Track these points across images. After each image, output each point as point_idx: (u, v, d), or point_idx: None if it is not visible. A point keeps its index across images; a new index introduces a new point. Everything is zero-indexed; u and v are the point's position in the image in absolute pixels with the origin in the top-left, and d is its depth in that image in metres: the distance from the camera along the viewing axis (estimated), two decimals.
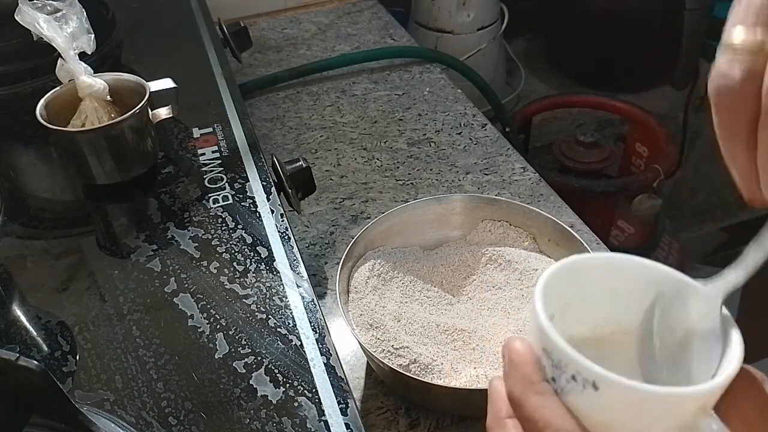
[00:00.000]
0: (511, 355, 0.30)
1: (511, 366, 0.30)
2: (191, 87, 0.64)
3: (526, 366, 0.29)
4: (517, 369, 0.29)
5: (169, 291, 0.47)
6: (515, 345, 0.30)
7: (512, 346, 0.30)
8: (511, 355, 0.30)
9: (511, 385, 0.29)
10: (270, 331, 0.44)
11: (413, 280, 0.58)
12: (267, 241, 0.50)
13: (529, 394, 0.28)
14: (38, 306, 0.47)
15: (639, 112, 1.29)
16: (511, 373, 0.29)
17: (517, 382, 0.29)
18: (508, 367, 0.30)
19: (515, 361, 0.29)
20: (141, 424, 0.38)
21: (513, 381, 0.29)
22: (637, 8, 1.30)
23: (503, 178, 0.77)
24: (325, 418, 0.38)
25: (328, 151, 0.82)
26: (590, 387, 0.27)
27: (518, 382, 0.29)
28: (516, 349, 0.30)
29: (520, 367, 0.29)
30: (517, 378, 0.29)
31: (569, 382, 0.27)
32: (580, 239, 0.56)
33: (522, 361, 0.29)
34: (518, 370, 0.29)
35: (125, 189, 0.56)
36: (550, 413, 0.27)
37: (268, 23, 1.10)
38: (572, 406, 0.28)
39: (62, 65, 0.54)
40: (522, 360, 0.29)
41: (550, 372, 0.28)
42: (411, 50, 1.01)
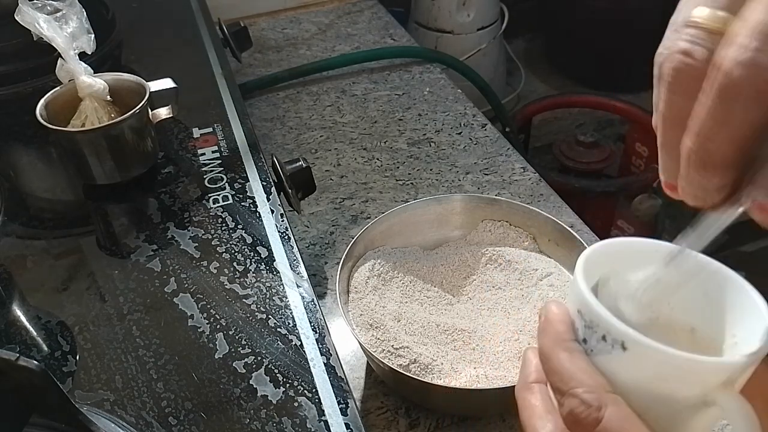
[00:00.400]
0: (547, 314, 0.31)
1: (545, 323, 0.31)
2: (191, 87, 0.64)
3: (560, 324, 0.30)
4: (551, 326, 0.30)
5: (169, 291, 0.47)
6: (551, 306, 0.31)
7: (549, 307, 0.31)
8: (547, 314, 0.31)
9: (542, 341, 0.30)
10: (270, 331, 0.44)
11: (413, 280, 0.58)
12: (267, 241, 0.50)
13: (558, 350, 0.29)
14: (38, 306, 0.47)
15: (639, 112, 1.29)
16: (545, 329, 0.31)
17: (548, 338, 0.30)
18: (543, 324, 0.31)
19: (550, 319, 0.31)
20: (141, 424, 0.38)
21: (545, 337, 0.30)
22: (637, 8, 1.31)
23: (503, 178, 0.77)
24: (325, 418, 0.38)
25: (328, 151, 0.82)
26: (619, 347, 0.27)
27: (550, 337, 0.30)
28: (552, 309, 0.31)
29: (553, 325, 0.30)
30: (549, 334, 0.30)
31: (599, 342, 0.28)
32: (580, 239, 0.56)
33: (556, 320, 0.30)
34: (551, 326, 0.30)
35: (125, 189, 0.56)
36: (576, 368, 0.28)
37: (268, 23, 1.10)
38: (600, 367, 0.29)
39: (62, 65, 0.54)
40: (556, 319, 0.30)
41: (582, 333, 0.29)
42: (411, 50, 1.01)
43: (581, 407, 0.27)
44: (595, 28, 1.36)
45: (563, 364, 0.29)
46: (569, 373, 0.28)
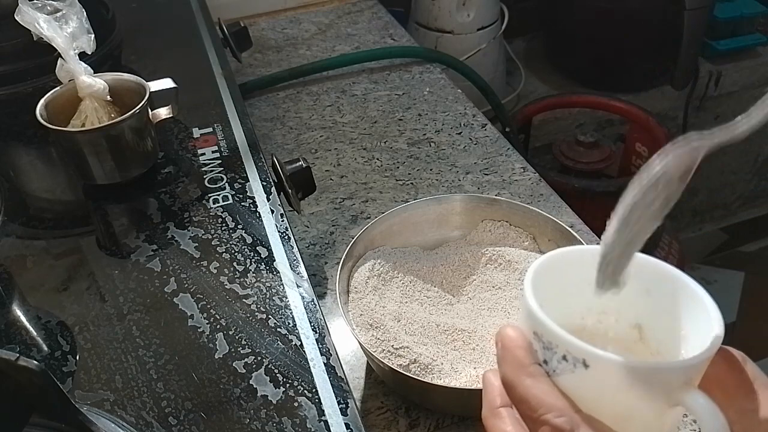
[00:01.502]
0: (504, 341, 0.31)
1: (503, 351, 0.30)
2: (191, 87, 0.64)
3: (518, 350, 0.30)
4: (509, 353, 0.30)
5: (169, 291, 0.47)
6: (507, 331, 0.31)
7: (504, 332, 0.31)
8: (504, 341, 0.31)
9: (504, 370, 0.30)
10: (270, 331, 0.44)
11: (413, 280, 0.58)
12: (267, 241, 0.50)
13: (521, 377, 0.29)
14: (38, 306, 0.47)
15: (639, 112, 1.29)
16: (504, 357, 0.30)
17: (509, 366, 0.30)
18: (501, 352, 0.31)
19: (507, 346, 0.30)
20: (141, 424, 0.38)
21: (506, 365, 0.30)
22: (637, 8, 1.31)
23: (503, 178, 0.77)
24: (325, 418, 0.38)
25: (328, 151, 0.82)
26: (581, 365, 0.28)
27: (511, 365, 0.30)
28: (508, 335, 0.31)
29: (512, 351, 0.30)
30: (509, 362, 0.30)
31: (560, 362, 0.28)
32: (580, 239, 0.56)
33: (513, 346, 0.30)
34: (510, 353, 0.30)
35: (125, 189, 0.56)
36: (542, 393, 0.28)
37: (268, 23, 1.10)
38: (564, 386, 0.29)
39: (62, 65, 0.54)
40: (514, 345, 0.30)
41: (542, 355, 0.29)
42: (411, 50, 1.01)
43: None
44: (595, 28, 1.36)
45: (529, 390, 0.28)
46: (537, 400, 0.28)
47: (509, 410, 0.31)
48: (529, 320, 0.30)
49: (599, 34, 1.37)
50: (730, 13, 1.39)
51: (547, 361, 0.29)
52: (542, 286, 0.31)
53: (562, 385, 0.29)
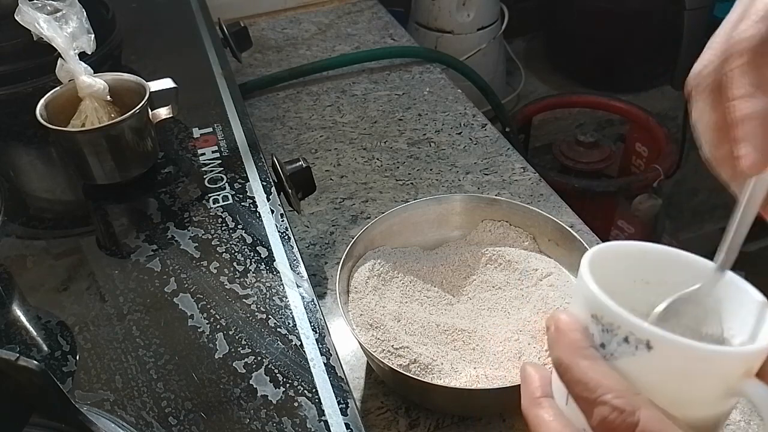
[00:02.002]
0: (558, 323, 0.30)
1: (558, 334, 0.30)
2: (191, 87, 0.64)
3: (574, 333, 0.29)
4: (565, 336, 0.29)
5: (169, 291, 0.47)
6: (560, 315, 0.30)
7: (557, 316, 0.30)
8: (558, 323, 0.30)
9: (558, 353, 0.29)
10: (270, 331, 0.44)
11: (413, 280, 0.58)
12: (267, 241, 0.50)
13: (577, 359, 0.28)
14: (38, 306, 0.47)
15: (639, 112, 1.29)
16: (559, 340, 0.30)
17: (564, 349, 0.29)
18: (555, 335, 0.30)
19: (562, 329, 0.30)
20: (141, 424, 0.38)
21: (560, 348, 0.29)
22: (637, 8, 1.31)
23: (503, 178, 0.77)
24: (325, 418, 0.38)
25: (328, 151, 0.82)
26: (643, 347, 0.27)
27: (566, 348, 0.29)
28: (562, 318, 0.30)
29: (567, 335, 0.29)
30: (565, 344, 0.29)
31: (620, 345, 0.28)
32: (580, 239, 0.56)
33: (569, 329, 0.30)
34: (566, 336, 0.29)
35: (125, 189, 0.56)
36: (600, 375, 0.28)
37: (268, 23, 1.10)
38: (622, 370, 0.28)
39: (62, 65, 0.54)
40: (569, 328, 0.30)
41: (599, 338, 0.29)
42: (411, 50, 1.01)
43: (614, 414, 0.26)
44: (595, 28, 1.36)
45: (586, 372, 0.28)
46: (595, 381, 0.27)
47: (550, 400, 0.31)
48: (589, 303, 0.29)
49: (599, 34, 1.37)
50: None
51: (605, 344, 0.29)
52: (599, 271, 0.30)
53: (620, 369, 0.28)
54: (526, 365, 0.33)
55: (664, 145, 1.23)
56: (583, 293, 0.30)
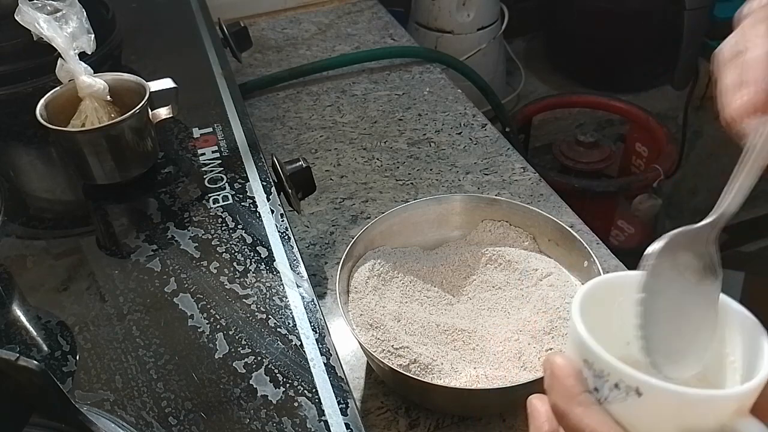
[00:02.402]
0: (553, 369, 0.31)
1: (553, 380, 0.30)
2: (191, 87, 0.64)
3: (568, 379, 0.30)
4: (559, 382, 0.30)
5: (169, 291, 0.47)
6: (556, 360, 0.31)
7: (553, 360, 0.31)
8: (553, 369, 0.31)
9: (554, 399, 0.30)
10: (270, 331, 0.44)
11: (413, 280, 0.58)
12: (267, 241, 0.50)
13: (572, 406, 0.29)
14: (38, 306, 0.47)
15: (639, 112, 1.29)
16: (554, 386, 0.30)
17: (560, 395, 0.30)
18: (550, 380, 0.31)
19: (557, 374, 0.30)
20: (141, 424, 0.38)
21: (556, 394, 0.30)
22: (637, 8, 1.31)
23: (503, 178, 0.77)
24: (325, 418, 0.38)
25: (328, 151, 0.82)
26: (633, 394, 0.28)
27: (561, 394, 0.30)
28: (557, 363, 0.31)
29: (562, 380, 0.30)
30: (560, 391, 0.30)
31: (612, 391, 0.28)
32: (580, 239, 0.56)
33: (563, 375, 0.30)
34: (560, 383, 0.30)
35: (125, 189, 0.56)
36: (594, 422, 0.28)
37: (268, 23, 1.10)
38: (615, 415, 0.29)
39: (62, 65, 0.54)
40: (563, 374, 0.30)
41: (592, 383, 0.29)
42: (411, 50, 1.01)
43: None
44: (595, 28, 1.36)
45: (581, 419, 0.29)
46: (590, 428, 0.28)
47: None
48: (579, 348, 0.30)
49: (599, 34, 1.37)
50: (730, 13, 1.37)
51: (598, 388, 0.29)
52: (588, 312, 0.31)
53: (614, 413, 0.29)
54: (533, 398, 0.33)
55: (664, 145, 1.23)
56: (575, 337, 0.30)
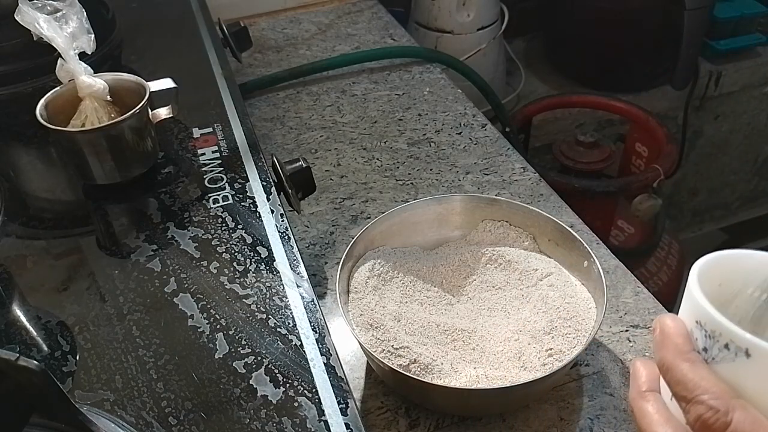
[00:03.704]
0: (663, 327, 0.33)
1: (662, 337, 0.33)
2: (191, 87, 0.64)
3: (678, 337, 0.32)
4: (669, 339, 0.32)
5: (169, 291, 0.47)
6: (666, 320, 0.33)
7: (663, 320, 0.33)
8: (663, 327, 0.33)
9: (662, 354, 0.32)
10: (270, 331, 0.44)
11: (413, 280, 0.58)
12: (267, 241, 0.50)
13: (679, 361, 0.31)
14: (38, 306, 0.47)
15: (639, 112, 1.29)
16: (663, 342, 0.32)
17: (668, 351, 0.32)
18: (660, 338, 0.33)
19: (667, 332, 0.33)
20: (141, 424, 0.38)
21: (664, 349, 0.32)
22: (637, 8, 1.30)
23: (503, 178, 0.77)
24: (325, 418, 0.38)
25: (328, 151, 0.82)
26: (742, 354, 0.29)
27: (670, 350, 0.32)
28: (667, 323, 0.33)
29: (671, 338, 0.32)
30: (668, 347, 0.32)
31: (721, 351, 0.30)
32: (580, 239, 0.56)
33: (674, 333, 0.32)
34: (670, 339, 0.32)
35: (125, 189, 0.56)
36: (699, 377, 0.30)
37: (268, 23, 1.10)
38: (722, 374, 0.31)
39: (62, 65, 0.54)
40: (674, 332, 0.32)
41: (702, 343, 0.31)
42: (411, 50, 1.01)
43: (709, 413, 0.29)
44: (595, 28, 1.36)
45: (686, 373, 0.31)
46: (693, 382, 0.30)
47: (655, 394, 0.34)
48: (694, 309, 0.32)
49: (599, 34, 1.37)
50: (730, 13, 1.38)
51: (707, 349, 0.31)
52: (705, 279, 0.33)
53: (720, 373, 0.30)
54: (636, 360, 0.36)
55: (664, 145, 1.23)
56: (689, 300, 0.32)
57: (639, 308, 0.61)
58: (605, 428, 0.52)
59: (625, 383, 0.55)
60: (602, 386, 0.55)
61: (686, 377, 0.31)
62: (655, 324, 0.34)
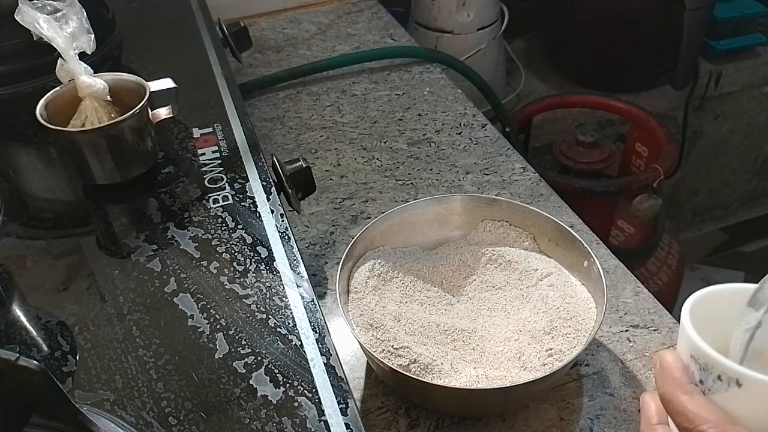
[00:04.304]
0: (662, 363, 0.36)
1: (662, 371, 0.36)
2: (191, 87, 0.64)
3: (676, 371, 0.35)
4: (668, 374, 0.35)
5: (169, 291, 0.47)
6: (665, 355, 0.36)
7: (662, 356, 0.36)
8: (662, 363, 0.36)
9: (663, 388, 0.35)
10: (270, 331, 0.44)
11: (413, 280, 0.58)
12: (267, 241, 0.50)
13: (678, 393, 0.34)
14: (38, 306, 0.47)
15: (639, 112, 1.29)
16: (663, 377, 0.35)
17: (668, 384, 0.35)
18: (660, 372, 0.36)
19: (666, 367, 0.35)
20: (141, 424, 0.38)
21: (664, 383, 0.35)
22: (637, 8, 1.30)
23: (503, 178, 0.77)
24: (325, 418, 0.38)
25: (328, 151, 0.82)
26: (734, 384, 0.32)
27: (669, 384, 0.35)
28: (666, 359, 0.36)
29: (670, 372, 0.35)
30: (668, 380, 0.35)
31: (715, 382, 0.33)
32: (580, 239, 0.56)
33: (672, 368, 0.35)
34: (669, 373, 0.35)
35: (125, 189, 0.56)
36: (697, 408, 0.33)
37: (268, 23, 1.10)
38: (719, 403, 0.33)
39: (62, 65, 0.54)
40: (672, 367, 0.35)
41: (698, 375, 0.34)
42: (411, 50, 1.01)
43: None
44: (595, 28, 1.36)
45: (686, 405, 0.33)
46: (693, 413, 0.33)
47: (665, 427, 0.36)
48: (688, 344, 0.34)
49: (599, 34, 1.37)
50: (730, 13, 1.39)
51: (703, 381, 0.34)
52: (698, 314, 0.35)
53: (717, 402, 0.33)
54: (645, 395, 0.39)
55: (664, 145, 1.23)
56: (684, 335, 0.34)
57: (639, 308, 0.61)
58: (605, 428, 0.52)
59: (626, 383, 0.55)
60: (602, 386, 0.55)
61: (686, 408, 0.33)
62: (655, 359, 0.36)
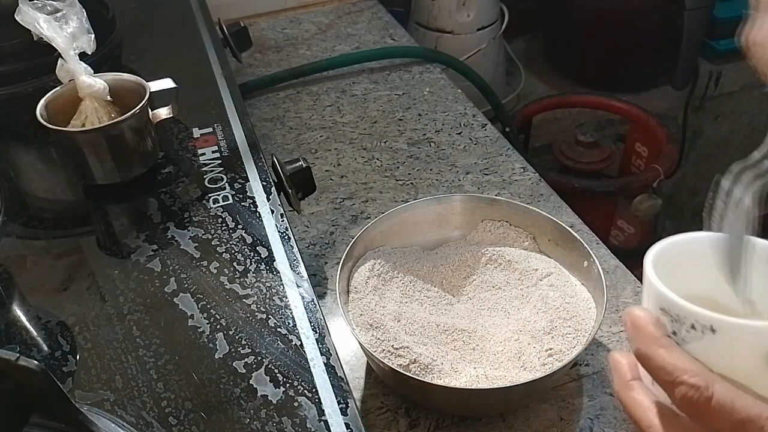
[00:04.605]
0: (633, 320, 0.34)
1: (634, 329, 0.34)
2: (191, 87, 0.64)
3: (648, 326, 0.34)
4: (641, 330, 0.34)
5: (169, 291, 0.47)
6: (634, 312, 0.35)
7: (632, 312, 0.35)
8: (633, 320, 0.34)
9: (637, 345, 0.34)
10: (270, 331, 0.44)
11: (413, 280, 0.58)
12: (267, 241, 0.50)
13: (655, 348, 0.33)
14: (38, 306, 0.47)
15: (639, 112, 1.29)
16: (636, 334, 0.34)
17: (642, 341, 0.33)
18: (633, 330, 0.34)
19: (638, 323, 0.34)
20: (141, 424, 0.38)
21: (639, 340, 0.34)
22: (637, 8, 1.30)
23: (503, 178, 0.77)
24: (325, 418, 0.38)
25: (328, 151, 0.82)
26: (709, 331, 0.31)
27: (644, 340, 0.33)
28: (636, 314, 0.34)
29: (643, 328, 0.34)
30: (642, 337, 0.34)
31: (689, 332, 0.32)
32: (580, 239, 0.56)
33: (644, 323, 0.34)
34: (642, 330, 0.34)
35: (125, 189, 0.56)
36: (675, 360, 0.32)
37: (268, 23, 1.10)
38: (694, 352, 0.32)
39: (62, 65, 0.54)
40: (644, 322, 0.34)
41: (670, 327, 0.33)
42: (411, 50, 1.01)
43: (691, 391, 0.30)
44: (595, 28, 1.36)
45: (664, 359, 0.32)
46: (672, 365, 0.32)
47: (639, 382, 0.35)
48: (656, 298, 0.33)
49: (599, 34, 1.36)
50: (730, 13, 1.38)
51: (676, 332, 0.33)
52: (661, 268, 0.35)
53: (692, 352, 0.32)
54: (613, 353, 0.37)
55: (664, 145, 1.23)
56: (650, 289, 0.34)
57: None
58: (605, 428, 0.52)
59: None
60: (602, 386, 0.55)
61: (664, 362, 0.32)
62: (625, 317, 0.35)
